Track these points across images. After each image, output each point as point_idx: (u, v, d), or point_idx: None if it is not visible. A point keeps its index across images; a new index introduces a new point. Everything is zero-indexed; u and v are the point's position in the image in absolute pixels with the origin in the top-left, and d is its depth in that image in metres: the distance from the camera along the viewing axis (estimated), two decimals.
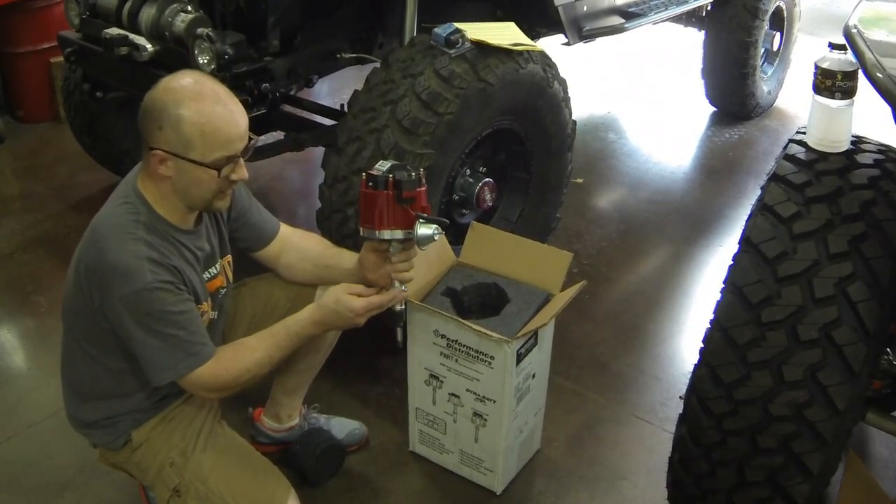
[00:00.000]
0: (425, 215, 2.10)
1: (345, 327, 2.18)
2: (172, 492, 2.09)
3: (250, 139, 2.02)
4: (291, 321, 2.12)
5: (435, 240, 2.12)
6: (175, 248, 1.99)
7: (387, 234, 2.11)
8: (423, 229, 2.09)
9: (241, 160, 2.01)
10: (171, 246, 1.98)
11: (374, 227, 2.11)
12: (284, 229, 2.40)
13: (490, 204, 3.19)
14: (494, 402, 2.46)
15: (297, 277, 2.40)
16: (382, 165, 2.11)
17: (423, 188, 2.12)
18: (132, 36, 3.12)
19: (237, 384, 2.07)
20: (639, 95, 5.92)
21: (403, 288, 2.21)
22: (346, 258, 2.35)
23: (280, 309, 2.40)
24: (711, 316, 1.90)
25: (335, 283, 2.39)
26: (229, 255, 2.27)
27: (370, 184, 2.08)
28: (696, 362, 1.93)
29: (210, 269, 2.16)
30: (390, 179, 2.06)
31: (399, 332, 2.33)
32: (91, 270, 1.94)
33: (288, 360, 2.48)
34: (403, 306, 2.25)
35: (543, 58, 3.14)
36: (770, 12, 5.17)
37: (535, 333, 2.46)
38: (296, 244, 2.40)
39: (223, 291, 2.24)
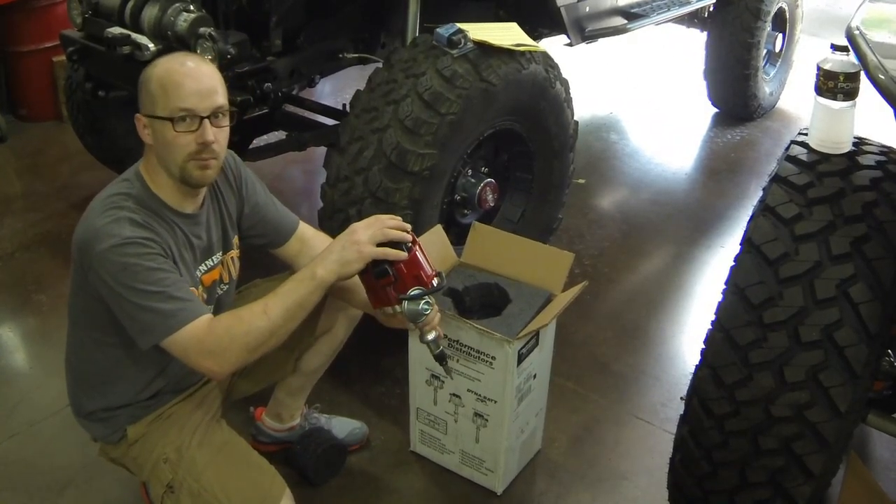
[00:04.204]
0: (416, 291, 2.00)
1: (352, 261, 1.95)
2: (166, 488, 2.09)
3: (232, 113, 2.02)
4: (295, 275, 2.01)
5: (425, 314, 2.03)
6: (166, 224, 1.99)
7: (379, 312, 2.09)
8: (411, 306, 2.02)
9: (207, 122, 1.96)
10: (161, 221, 1.98)
11: (371, 303, 2.09)
12: (305, 229, 2.36)
13: (492, 204, 3.19)
14: (496, 402, 2.46)
15: None
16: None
17: (402, 263, 1.99)
18: (134, 35, 3.12)
19: (234, 345, 1.89)
20: (641, 96, 5.92)
21: (432, 336, 2.12)
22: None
23: None
24: (713, 317, 1.90)
25: (350, 303, 2.36)
26: (234, 252, 2.26)
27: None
28: (697, 363, 1.93)
29: (207, 261, 2.15)
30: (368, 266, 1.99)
31: (445, 368, 2.22)
32: (78, 240, 1.95)
33: (296, 362, 2.49)
34: (442, 348, 2.16)
35: (546, 58, 3.14)
36: (772, 13, 5.17)
37: (537, 334, 2.46)
38: (318, 249, 2.26)
39: (223, 287, 2.23)
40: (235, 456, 2.16)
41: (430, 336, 2.12)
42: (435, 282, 2.05)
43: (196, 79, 1.96)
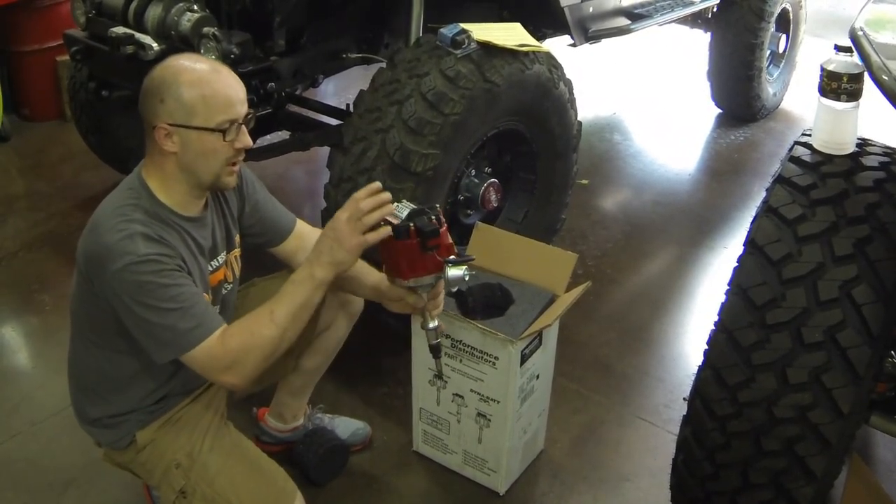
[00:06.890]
0: (453, 258, 2.00)
1: (344, 260, 1.95)
2: (178, 493, 2.08)
3: (249, 112, 2.03)
4: (291, 276, 2.00)
5: (466, 280, 2.01)
6: (177, 233, 1.98)
7: (412, 283, 2.01)
8: (454, 271, 1.99)
9: (244, 127, 2.01)
10: (172, 231, 1.97)
11: (401, 276, 2.01)
12: (302, 227, 2.37)
13: (495, 205, 3.19)
14: (498, 402, 2.46)
15: None
16: (400, 211, 2.00)
17: (444, 228, 2.00)
18: (138, 35, 3.12)
19: (249, 357, 1.91)
20: (644, 97, 5.92)
21: (435, 323, 2.11)
22: (366, 273, 2.26)
23: None
24: (716, 318, 1.90)
25: (352, 293, 2.37)
26: (237, 251, 2.26)
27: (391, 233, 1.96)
28: (700, 364, 1.93)
29: (212, 262, 2.14)
30: (411, 228, 1.95)
31: (438, 363, 2.19)
32: (88, 255, 1.94)
33: (296, 360, 2.49)
34: (440, 339, 2.13)
35: (549, 59, 3.14)
36: (776, 14, 5.16)
37: (540, 334, 2.46)
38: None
39: (227, 287, 2.23)
40: (246, 460, 2.16)
41: (433, 323, 2.10)
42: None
43: (234, 87, 1.98)
